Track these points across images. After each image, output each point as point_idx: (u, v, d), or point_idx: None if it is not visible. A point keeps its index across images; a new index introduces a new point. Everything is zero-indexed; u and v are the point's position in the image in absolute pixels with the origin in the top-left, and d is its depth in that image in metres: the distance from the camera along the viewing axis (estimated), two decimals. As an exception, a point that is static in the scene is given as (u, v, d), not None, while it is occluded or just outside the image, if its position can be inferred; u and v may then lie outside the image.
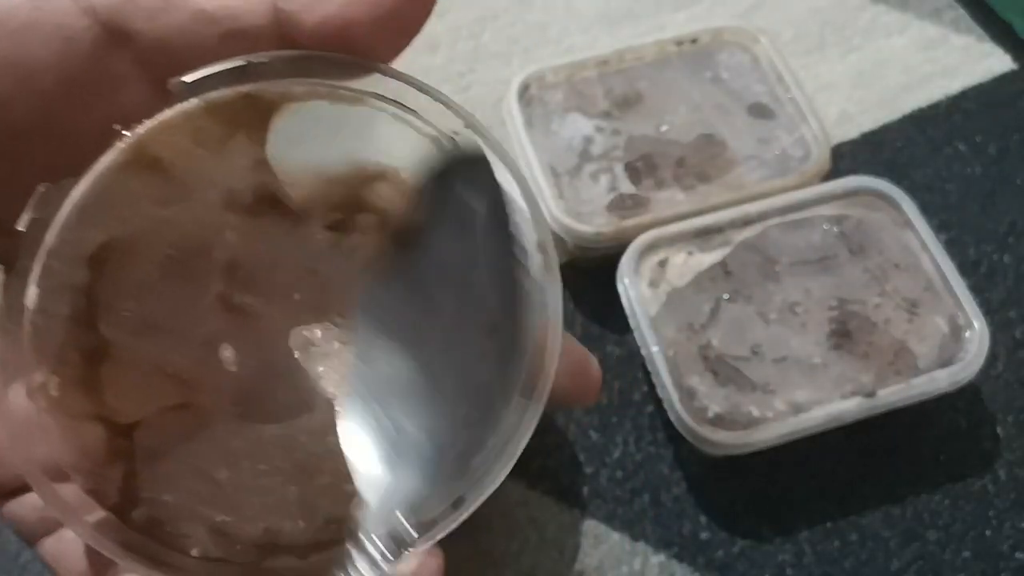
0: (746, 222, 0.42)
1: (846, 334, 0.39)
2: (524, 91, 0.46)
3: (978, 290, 0.42)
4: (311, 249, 0.25)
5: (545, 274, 0.24)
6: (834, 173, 0.44)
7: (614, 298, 0.41)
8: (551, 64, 0.47)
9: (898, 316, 0.40)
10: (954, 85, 0.51)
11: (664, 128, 0.46)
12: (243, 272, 0.25)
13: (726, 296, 0.40)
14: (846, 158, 0.48)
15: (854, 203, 0.43)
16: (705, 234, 0.42)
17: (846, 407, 0.38)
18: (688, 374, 0.38)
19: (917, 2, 0.54)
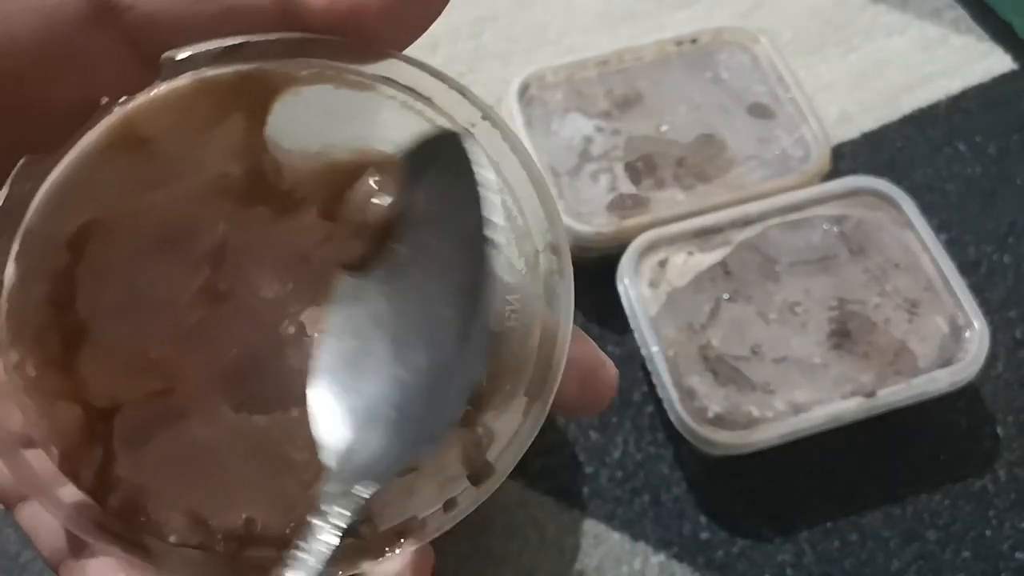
0: (746, 222, 0.42)
1: (846, 334, 0.39)
2: (524, 91, 0.46)
3: (978, 290, 0.42)
4: (304, 237, 0.24)
5: (556, 278, 0.24)
6: (834, 173, 0.44)
7: (614, 298, 0.41)
8: (551, 64, 0.47)
9: (898, 316, 0.40)
10: (954, 85, 0.51)
11: (664, 128, 0.46)
12: (232, 259, 0.24)
13: (726, 296, 0.40)
14: (846, 158, 0.48)
15: (854, 203, 0.43)
16: (705, 234, 0.42)
17: (846, 407, 0.38)
18: (688, 374, 0.38)
19: (917, 2, 0.54)
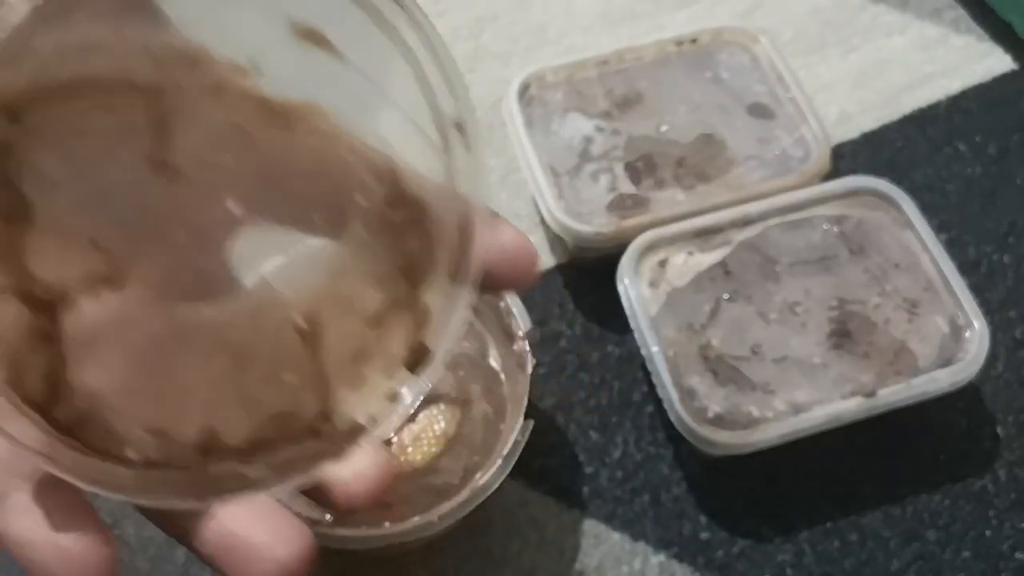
0: (746, 222, 0.42)
1: (846, 334, 0.39)
2: (524, 91, 0.46)
3: (978, 290, 0.42)
4: (243, 112, 0.24)
5: (464, 154, 0.24)
6: (834, 173, 0.44)
7: (614, 298, 0.41)
8: (551, 64, 0.47)
9: (898, 316, 0.40)
10: (954, 85, 0.51)
11: (664, 128, 0.46)
12: (174, 131, 0.24)
13: (726, 296, 0.40)
14: (846, 158, 0.48)
15: (854, 203, 0.43)
16: (705, 234, 0.42)
17: (846, 407, 0.38)
18: (688, 374, 0.38)
19: (917, 2, 0.54)
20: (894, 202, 0.42)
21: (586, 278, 0.45)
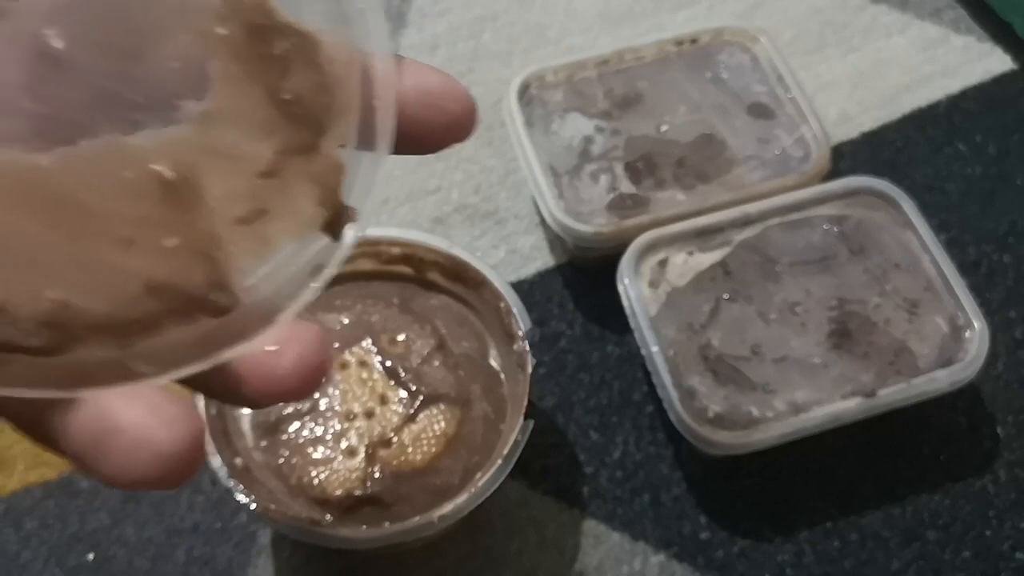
0: (746, 222, 0.42)
1: (846, 334, 0.39)
2: (524, 91, 0.46)
3: (978, 290, 0.42)
4: None
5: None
6: (834, 173, 0.44)
7: (614, 298, 0.41)
8: (551, 64, 0.47)
9: (898, 316, 0.40)
10: (954, 85, 0.51)
11: (664, 128, 0.46)
12: None
13: (726, 296, 0.40)
14: (846, 158, 0.48)
15: (854, 203, 0.43)
16: (705, 234, 0.42)
17: (846, 407, 0.38)
18: (688, 374, 0.38)
19: (917, 2, 0.54)
20: (894, 202, 0.42)
21: (586, 278, 0.45)
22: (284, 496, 0.36)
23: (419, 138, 0.23)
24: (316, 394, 0.38)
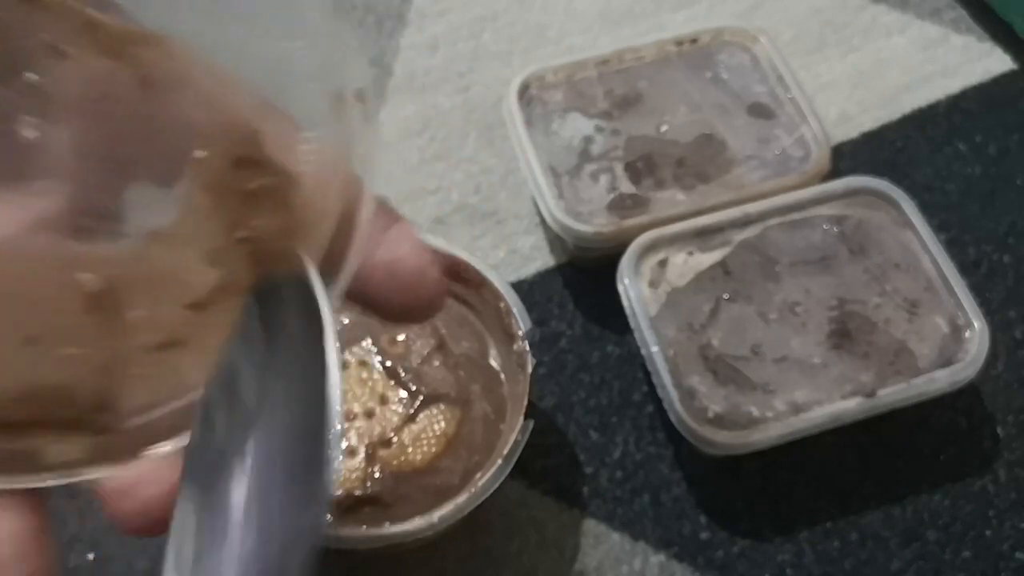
0: (746, 222, 0.42)
1: (846, 334, 0.39)
2: (524, 91, 0.46)
3: (978, 290, 0.42)
4: (62, 28, 0.20)
5: (362, 126, 0.20)
6: (834, 173, 0.44)
7: (614, 298, 0.41)
8: (551, 64, 0.47)
9: (898, 316, 0.40)
10: (954, 85, 0.51)
11: (664, 128, 0.46)
12: None
13: (726, 296, 0.40)
14: (846, 158, 0.48)
15: (854, 203, 0.43)
16: (705, 234, 0.42)
17: (846, 407, 0.38)
18: (688, 374, 0.38)
19: (917, 2, 0.54)
20: (894, 202, 0.42)
21: (586, 278, 0.45)
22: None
23: (377, 309, 0.22)
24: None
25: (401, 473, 0.37)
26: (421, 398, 0.38)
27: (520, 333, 0.37)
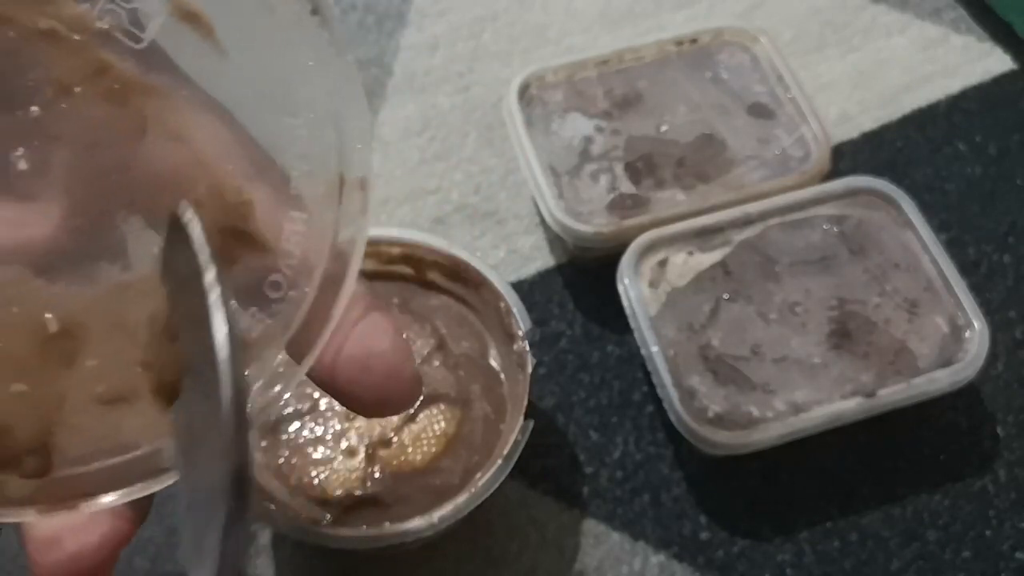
0: (746, 222, 0.42)
1: (846, 334, 0.39)
2: (524, 91, 0.46)
3: (978, 290, 0.42)
4: (73, 69, 0.20)
5: (359, 217, 0.20)
6: (834, 173, 0.44)
7: (614, 298, 0.41)
8: (551, 64, 0.47)
9: (898, 316, 0.40)
10: (954, 85, 0.51)
11: (664, 128, 0.46)
12: None
13: (726, 296, 0.40)
14: (846, 158, 0.48)
15: (854, 203, 0.43)
16: (705, 234, 0.42)
17: (846, 407, 0.38)
18: (688, 374, 0.38)
19: (917, 2, 0.54)
20: (894, 202, 0.42)
21: (586, 278, 0.45)
22: (284, 496, 0.36)
23: (348, 403, 0.21)
24: (316, 394, 0.38)
25: (401, 473, 0.37)
26: (421, 398, 0.38)
27: (520, 333, 0.37)
